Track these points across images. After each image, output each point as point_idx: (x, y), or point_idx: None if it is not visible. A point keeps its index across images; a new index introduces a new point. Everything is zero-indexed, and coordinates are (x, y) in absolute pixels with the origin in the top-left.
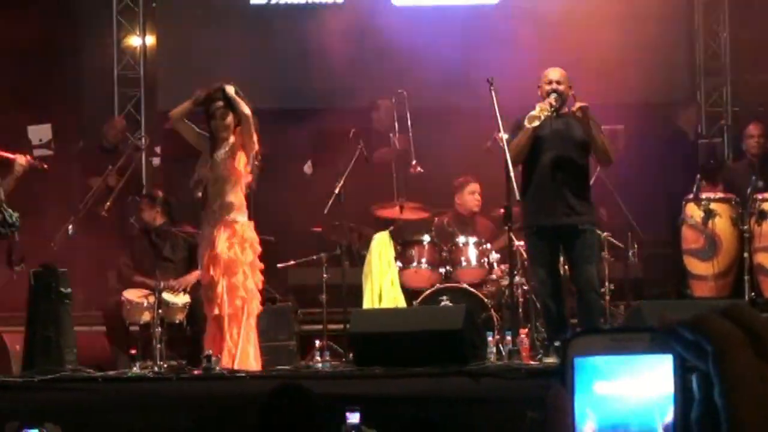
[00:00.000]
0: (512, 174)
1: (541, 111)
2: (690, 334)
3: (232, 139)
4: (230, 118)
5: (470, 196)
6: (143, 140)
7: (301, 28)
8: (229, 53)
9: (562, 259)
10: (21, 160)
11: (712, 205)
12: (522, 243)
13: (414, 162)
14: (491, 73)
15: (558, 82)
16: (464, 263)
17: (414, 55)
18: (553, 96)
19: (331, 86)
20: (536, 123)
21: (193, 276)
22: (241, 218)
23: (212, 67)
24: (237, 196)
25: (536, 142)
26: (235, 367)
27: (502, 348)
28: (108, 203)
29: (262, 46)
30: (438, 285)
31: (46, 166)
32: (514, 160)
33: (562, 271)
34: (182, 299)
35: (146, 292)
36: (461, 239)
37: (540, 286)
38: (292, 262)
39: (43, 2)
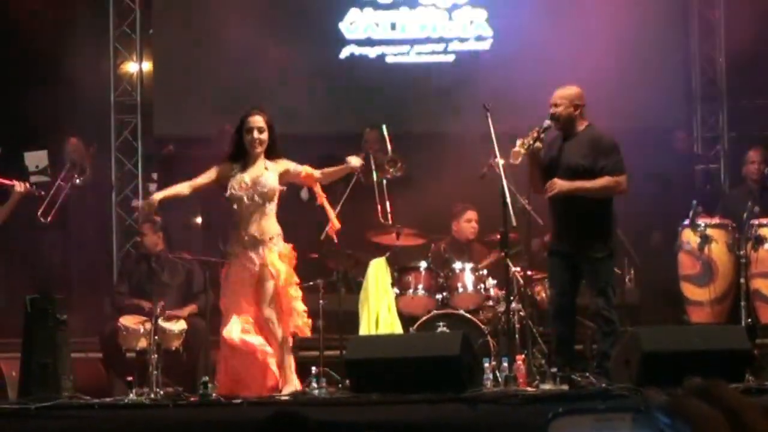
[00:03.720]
0: (508, 200)
1: (521, 146)
2: (668, 417)
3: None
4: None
5: (467, 224)
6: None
7: (293, 57)
8: (225, 80)
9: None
10: (19, 187)
11: (709, 231)
12: (518, 269)
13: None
14: (488, 99)
15: (555, 105)
16: (461, 289)
17: (410, 81)
18: (537, 128)
19: (326, 112)
20: (519, 159)
21: (188, 310)
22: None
23: (208, 93)
24: None
25: (550, 167)
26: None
27: (498, 374)
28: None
29: (254, 73)
30: (435, 311)
31: (42, 192)
32: (533, 191)
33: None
34: (179, 326)
35: (143, 318)
36: (458, 265)
37: (549, 306)
38: None
39: (40, 28)
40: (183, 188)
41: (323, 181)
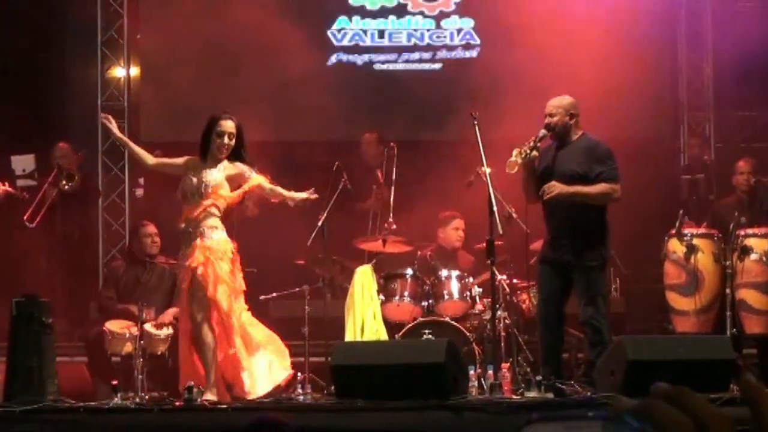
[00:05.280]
0: (495, 208)
1: (518, 155)
2: (637, 421)
3: None
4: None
5: (454, 232)
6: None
7: (282, 65)
8: (213, 86)
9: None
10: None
11: (695, 241)
12: (504, 277)
13: (390, 219)
14: (475, 107)
15: (550, 114)
16: (447, 297)
17: (397, 89)
18: (533, 137)
19: (314, 119)
20: (515, 169)
21: (171, 313)
22: None
23: (196, 98)
24: None
25: (544, 176)
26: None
27: (484, 382)
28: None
29: (244, 79)
30: (420, 318)
31: (26, 194)
32: (527, 200)
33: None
34: (165, 331)
35: (128, 323)
36: (444, 273)
37: (537, 314)
38: (274, 294)
39: (28, 33)
40: (148, 156)
41: (271, 197)
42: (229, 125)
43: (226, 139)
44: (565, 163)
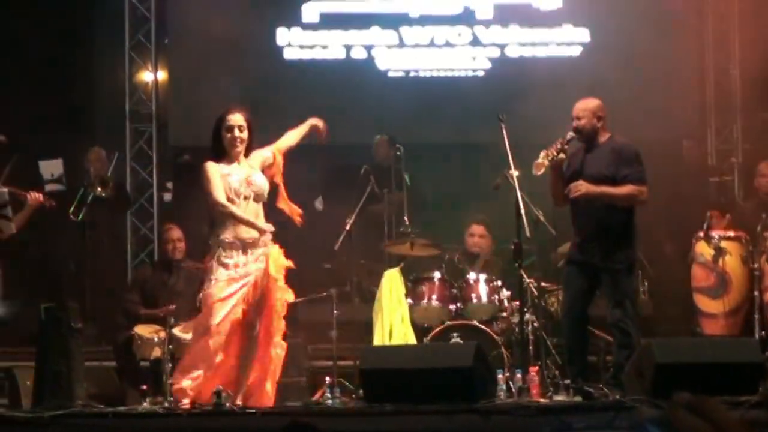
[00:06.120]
0: (522, 211)
1: (545, 157)
2: (659, 430)
3: None
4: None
5: (470, 239)
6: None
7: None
8: (240, 89)
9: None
10: (31, 199)
11: (723, 243)
12: (532, 280)
13: (406, 220)
14: (499, 110)
15: (577, 117)
16: (475, 300)
17: (424, 90)
18: (560, 139)
19: (342, 122)
20: (542, 170)
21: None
22: None
23: (223, 102)
24: None
25: (572, 179)
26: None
27: (512, 385)
28: None
29: (271, 83)
30: (448, 322)
31: (54, 203)
32: (555, 203)
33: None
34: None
35: (157, 327)
36: (471, 276)
37: (561, 315)
38: (302, 298)
39: (57, 37)
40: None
41: (292, 145)
42: (237, 118)
43: (236, 132)
44: (593, 166)
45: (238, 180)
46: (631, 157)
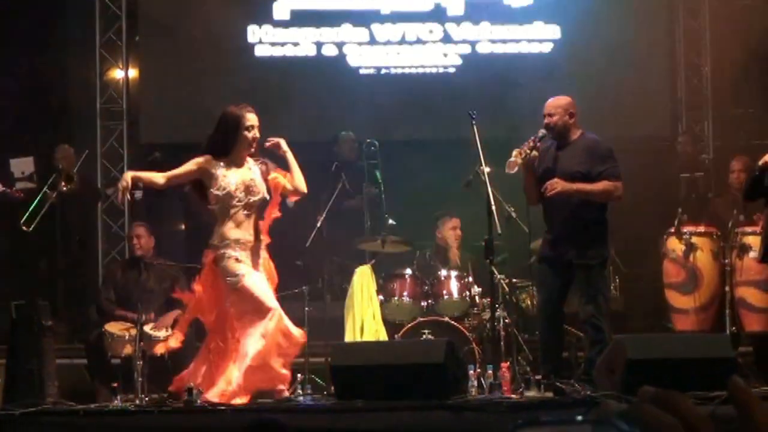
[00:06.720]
0: (493, 207)
1: (518, 155)
2: (626, 425)
3: None
4: None
5: (451, 232)
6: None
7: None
8: (210, 86)
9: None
10: None
11: (694, 239)
12: (503, 276)
13: (386, 215)
14: (470, 107)
15: (549, 114)
16: (446, 296)
17: (395, 87)
18: (532, 137)
19: (312, 119)
20: (515, 169)
21: (172, 316)
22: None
23: (194, 99)
24: None
25: (545, 176)
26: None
27: (483, 381)
28: None
29: (242, 80)
30: (420, 318)
31: (21, 194)
32: (528, 201)
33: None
34: (164, 333)
35: (128, 325)
36: (443, 272)
37: (537, 313)
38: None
39: (26, 35)
40: (158, 177)
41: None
42: (254, 117)
43: (256, 132)
44: (567, 163)
45: (236, 183)
46: (604, 154)
